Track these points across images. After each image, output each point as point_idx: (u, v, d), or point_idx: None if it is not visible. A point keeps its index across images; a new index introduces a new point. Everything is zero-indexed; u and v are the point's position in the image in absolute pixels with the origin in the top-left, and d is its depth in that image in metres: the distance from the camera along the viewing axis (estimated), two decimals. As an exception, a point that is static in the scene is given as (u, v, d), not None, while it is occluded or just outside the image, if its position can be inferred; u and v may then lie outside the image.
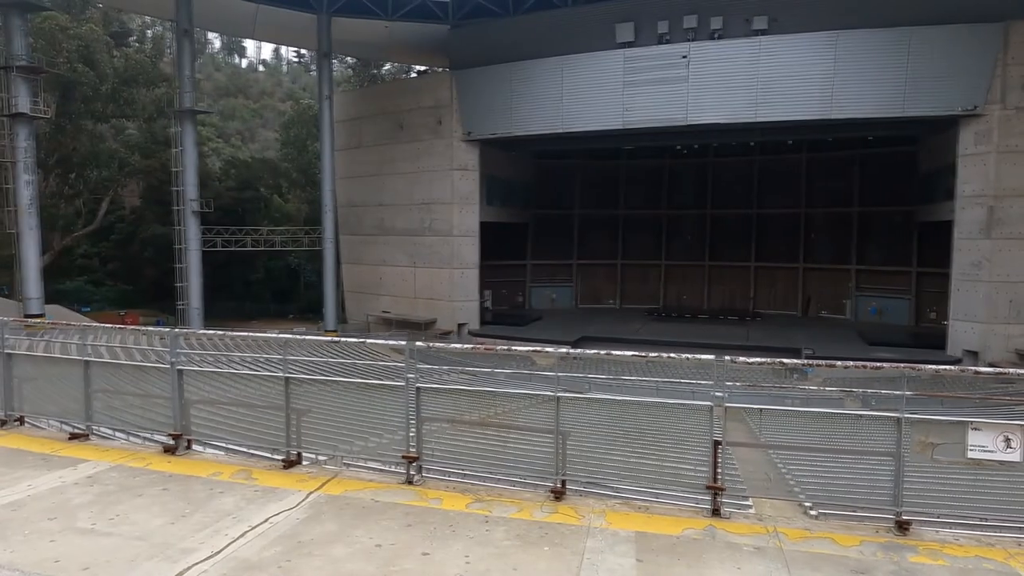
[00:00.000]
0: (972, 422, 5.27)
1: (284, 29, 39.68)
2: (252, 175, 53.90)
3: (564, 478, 6.16)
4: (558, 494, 6.05)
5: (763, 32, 29.18)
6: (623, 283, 44.51)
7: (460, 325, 35.07)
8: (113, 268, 50.45)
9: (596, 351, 7.67)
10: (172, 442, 7.22)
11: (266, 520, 5.39)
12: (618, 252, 44.23)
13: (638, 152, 40.34)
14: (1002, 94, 26.01)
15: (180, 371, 7.29)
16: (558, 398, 6.09)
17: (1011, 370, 5.59)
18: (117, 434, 8.92)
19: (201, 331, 10.25)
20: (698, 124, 30.07)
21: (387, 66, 64.72)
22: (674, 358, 6.42)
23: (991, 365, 25.27)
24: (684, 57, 29.65)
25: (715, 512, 5.75)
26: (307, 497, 5.93)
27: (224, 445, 8.07)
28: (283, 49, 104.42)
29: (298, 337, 9.52)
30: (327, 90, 36.24)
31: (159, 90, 46.50)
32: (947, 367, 5.88)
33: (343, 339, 16.06)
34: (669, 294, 43.88)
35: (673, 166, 42.76)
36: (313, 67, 69.68)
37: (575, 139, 34.39)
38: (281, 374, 6.97)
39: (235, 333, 15.24)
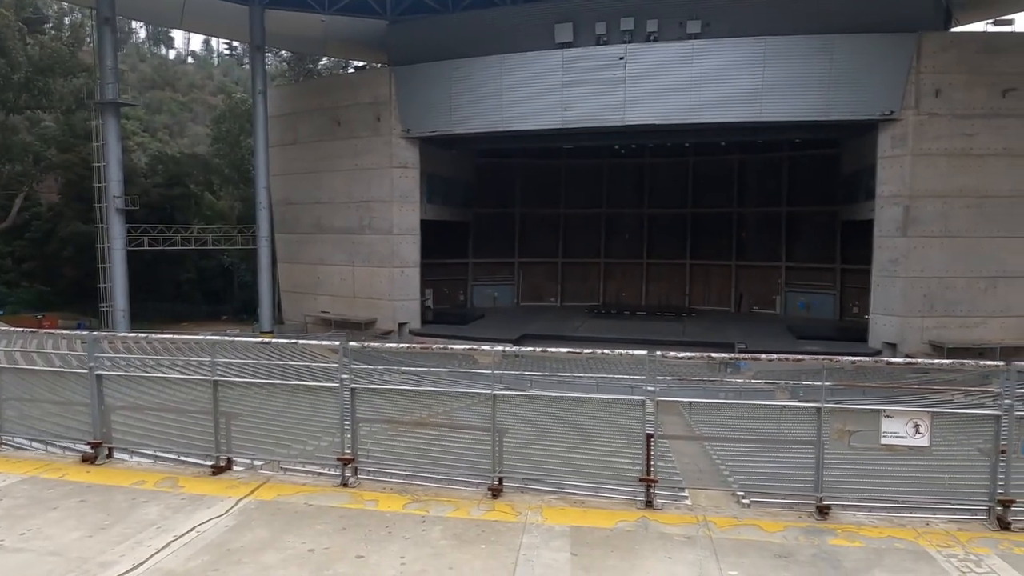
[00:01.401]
0: (885, 410, 5.57)
1: (214, 20, 38.27)
2: (181, 171, 51.74)
3: (502, 475, 6.18)
4: (495, 492, 6.07)
5: (696, 36, 30.00)
6: (564, 281, 45.00)
7: (401, 324, 34.71)
8: (29, 268, 47.52)
9: (534, 348, 7.74)
10: (91, 451, 6.87)
11: (193, 529, 5.20)
12: (559, 250, 44.69)
13: (578, 152, 40.85)
14: (916, 100, 27.56)
15: (99, 376, 6.95)
16: (494, 396, 6.10)
17: (920, 360, 5.94)
18: (34, 444, 8.41)
19: (125, 334, 9.84)
20: (635, 125, 30.68)
21: (324, 61, 63.33)
22: (608, 354, 6.55)
23: (908, 356, 26.81)
24: (621, 59, 30.18)
25: (648, 504, 5.88)
26: (237, 503, 5.75)
27: (151, 453, 7.74)
28: (214, 41, 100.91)
29: (227, 339, 9.22)
30: (261, 84, 35.17)
31: (78, 80, 44.05)
32: (863, 358, 6.19)
33: (274, 340, 15.64)
34: (609, 292, 44.62)
35: (612, 166, 43.50)
36: (246, 60, 67.48)
37: (515, 138, 34.52)
38: (209, 377, 6.73)
39: (162, 335, 14.64)
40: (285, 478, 6.62)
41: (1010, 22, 31.91)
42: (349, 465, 6.31)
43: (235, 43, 76.70)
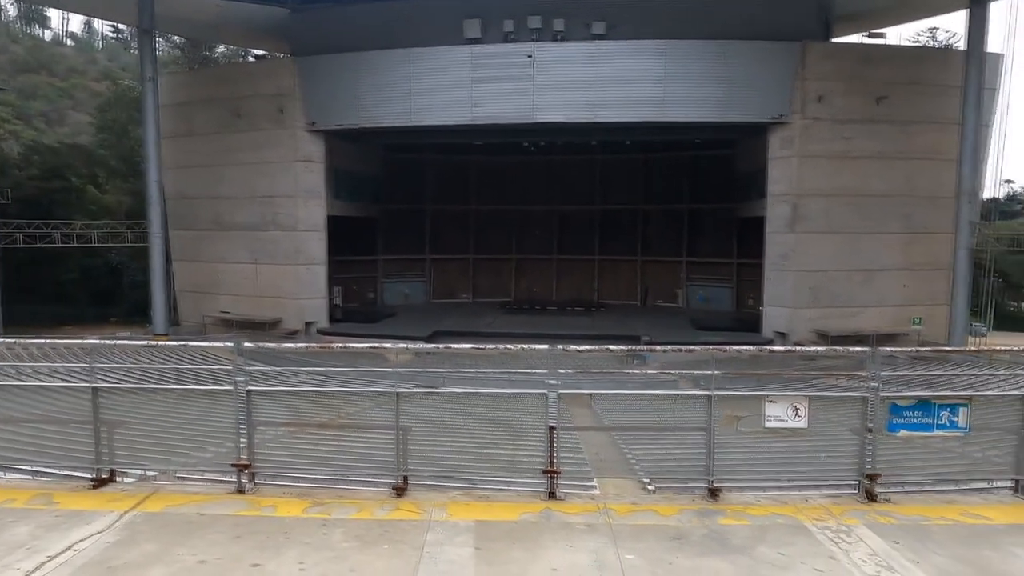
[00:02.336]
0: (768, 395, 5.95)
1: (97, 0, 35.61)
2: (61, 162, 47.69)
3: (406, 474, 6.13)
4: (400, 490, 6.01)
5: (601, 37, 30.74)
6: (476, 277, 45.05)
7: (308, 324, 33.64)
8: None
9: (436, 345, 7.72)
10: (-50, 469, 6.25)
11: (69, 548, 4.85)
12: (471, 247, 44.66)
13: (488, 148, 40.92)
14: (802, 105, 29.48)
15: (-41, 387, 6.33)
16: (397, 394, 6.04)
17: (798, 348, 6.36)
18: None
19: (-8, 340, 8.97)
20: (543, 122, 31.05)
21: (221, 48, 60.31)
22: (512, 349, 6.61)
23: (797, 344, 28.70)
24: (529, 56, 30.48)
25: (551, 495, 6.01)
26: (121, 517, 5.40)
27: (27, 468, 7.13)
28: (96, 22, 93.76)
29: (108, 342, 8.62)
30: (151, 71, 32.90)
31: (-63, 61, 39.86)
32: (748, 347, 6.58)
33: (163, 342, 14.77)
34: (520, 287, 45.07)
35: (522, 163, 43.86)
36: (134, 45, 63.18)
37: (425, 133, 34.14)
38: (88, 384, 6.27)
39: (37, 340, 13.43)
40: (176, 488, 6.29)
41: (882, 35, 34.68)
42: (246, 471, 6.07)
43: (121, 26, 71.59)
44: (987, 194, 39.59)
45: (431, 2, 32.92)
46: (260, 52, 44.32)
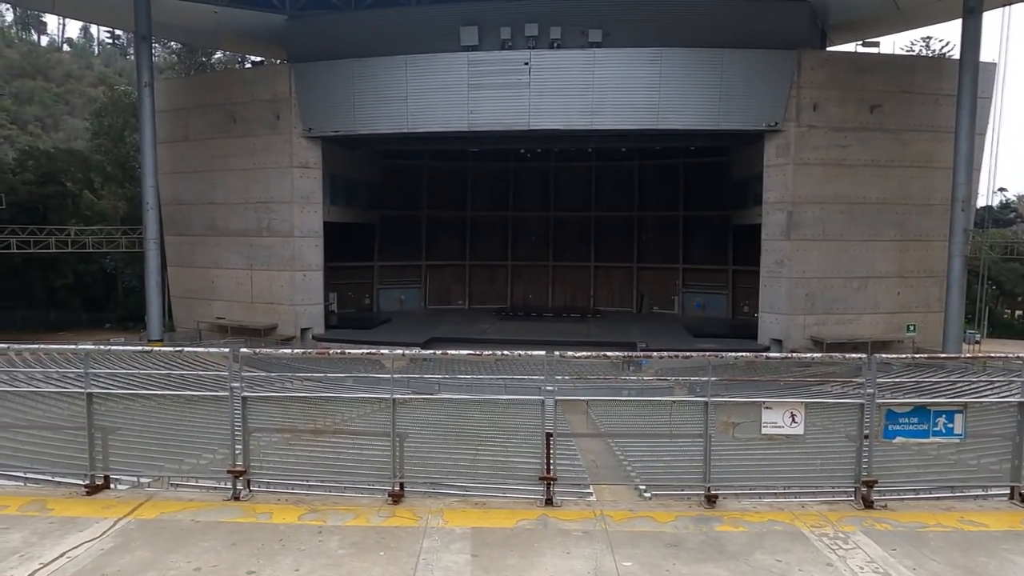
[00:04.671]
0: (765, 402, 5.95)
1: (93, 5, 35.58)
2: (56, 168, 47.57)
3: (403, 480, 6.11)
4: (396, 497, 5.98)
5: (597, 45, 30.87)
6: (472, 284, 45.04)
7: (304, 330, 33.54)
8: None
9: (435, 351, 7.70)
10: (-58, 476, 6.20)
11: (63, 555, 4.81)
12: (466, 253, 44.68)
13: (484, 155, 41.02)
14: (797, 113, 29.64)
15: (-48, 392, 6.28)
16: (393, 400, 6.02)
17: (795, 355, 6.37)
18: None
19: (-15, 345, 8.87)
20: (539, 129, 31.17)
21: (218, 55, 60.33)
22: (509, 355, 6.61)
23: (793, 351, 28.76)
24: (526, 64, 30.59)
25: (548, 502, 5.99)
26: (115, 524, 5.36)
27: (20, 475, 7.08)
28: (93, 28, 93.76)
29: (104, 348, 8.59)
30: (147, 77, 32.89)
31: (-68, 66, 39.74)
32: (745, 354, 6.58)
33: (158, 348, 14.73)
34: (516, 294, 45.08)
35: (518, 169, 43.99)
36: (131, 50, 63.15)
37: (421, 139, 34.18)
38: (82, 389, 6.24)
39: (31, 346, 13.38)
40: (171, 495, 6.25)
41: (876, 44, 34.93)
42: (241, 477, 6.03)
43: (118, 32, 71.60)
44: (981, 202, 39.80)
45: (428, 9, 33.05)
46: (257, 58, 44.33)
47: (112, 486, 6.31)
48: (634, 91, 29.91)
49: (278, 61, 39.33)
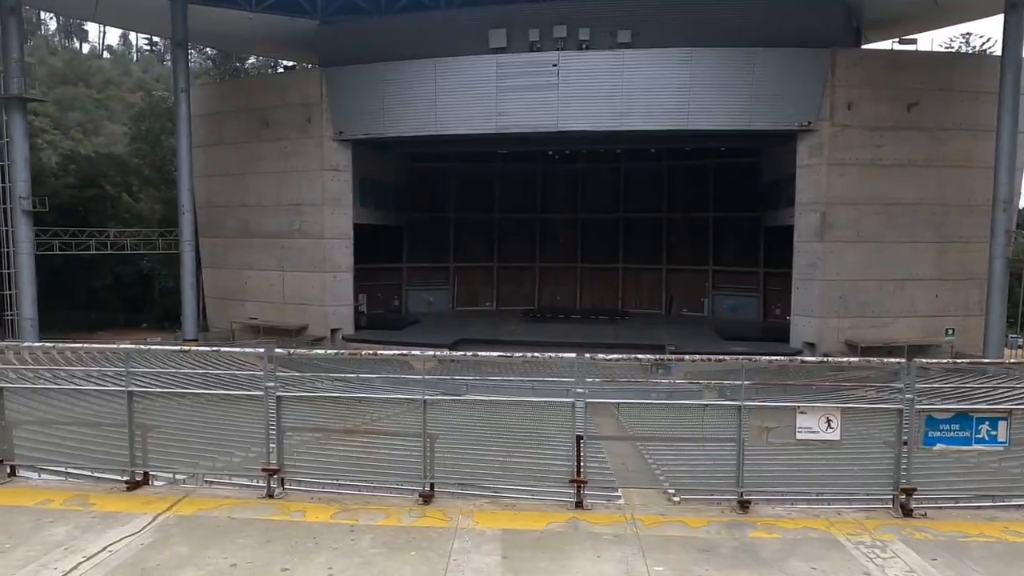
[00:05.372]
0: (799, 407, 5.85)
1: (132, 13, 36.53)
2: (96, 171, 48.92)
3: (433, 481, 6.14)
4: (427, 497, 6.02)
5: (627, 45, 30.72)
6: (499, 285, 45.12)
7: (334, 331, 33.96)
8: (-77, 275, 43.89)
9: (464, 353, 7.74)
10: (-9, 470, 6.41)
11: (104, 548, 4.93)
12: (494, 255, 44.79)
13: (512, 157, 41.09)
14: (831, 112, 29.11)
15: (1, 389, 6.50)
16: (424, 401, 6.06)
17: (831, 359, 6.27)
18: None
19: (30, 344, 9.21)
20: (567, 131, 31.12)
21: (251, 60, 61.50)
22: (538, 357, 6.60)
23: (825, 355, 28.21)
24: (554, 66, 30.59)
25: (579, 504, 5.97)
26: (154, 520, 5.49)
27: (61, 470, 7.30)
28: (132, 35, 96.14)
29: (143, 347, 8.81)
30: (184, 82, 33.74)
31: (-20, 74, 41.09)
32: (781, 358, 6.49)
33: (195, 348, 15.06)
34: (543, 295, 45.04)
35: (546, 171, 43.96)
36: (167, 56, 64.68)
37: (449, 142, 34.39)
38: (123, 388, 6.40)
39: (73, 345, 13.78)
40: (207, 491, 6.38)
41: (913, 41, 34.14)
42: (275, 476, 6.13)
43: (155, 38, 73.41)
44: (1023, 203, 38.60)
45: (457, 13, 33.27)
46: (289, 63, 45.08)
47: (150, 482, 6.46)
48: (664, 92, 29.70)
49: (310, 66, 39.91)
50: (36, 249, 31.66)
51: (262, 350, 6.37)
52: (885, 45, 36.27)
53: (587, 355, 6.09)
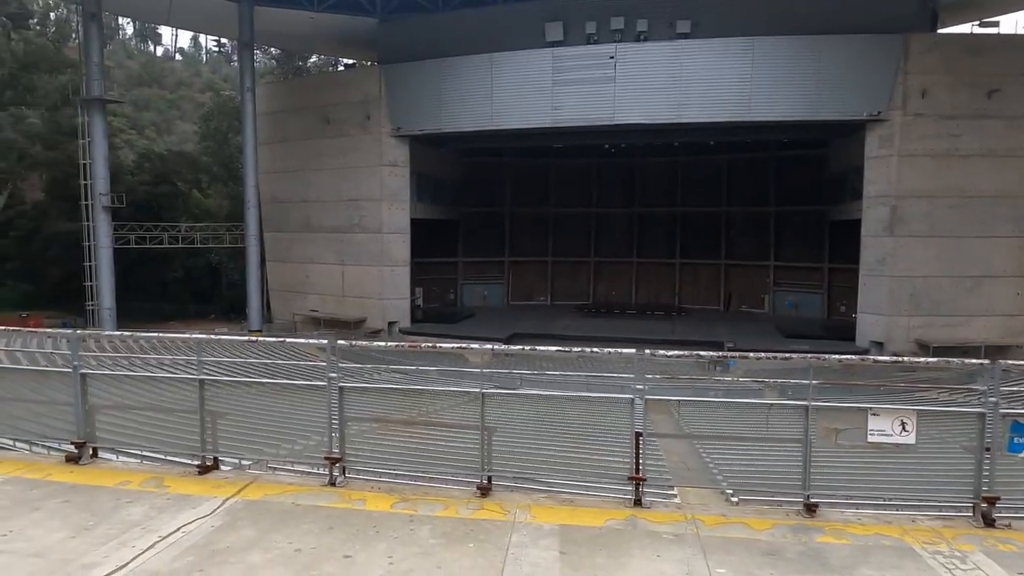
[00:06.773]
0: (871, 408, 5.60)
1: (202, 16, 37.98)
2: (168, 169, 51.29)
3: (490, 474, 6.16)
4: (484, 490, 6.04)
5: (686, 36, 30.07)
6: (554, 280, 45.02)
7: (391, 323, 34.61)
8: (12, 267, 46.92)
9: (523, 347, 7.75)
10: (76, 451, 6.78)
11: (178, 529, 5.15)
12: (549, 249, 44.70)
13: (567, 151, 40.85)
14: (903, 101, 27.78)
15: (83, 375, 6.86)
16: (483, 394, 6.08)
17: (906, 358, 5.97)
18: (17, 444, 8.31)
19: (109, 332, 9.75)
20: (624, 124, 30.71)
21: (313, 58, 63.05)
22: (597, 353, 6.53)
23: (894, 355, 27.02)
24: (611, 58, 30.21)
25: (637, 502, 5.88)
26: (223, 503, 5.70)
27: (137, 452, 7.67)
28: (202, 37, 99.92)
29: (214, 337, 9.16)
30: (249, 82, 34.93)
31: (64, 77, 43.58)
32: (850, 357, 6.22)
33: (262, 339, 15.58)
34: (599, 290, 44.69)
35: (601, 165, 43.55)
36: (234, 57, 67.00)
37: (505, 136, 34.48)
38: (195, 376, 6.66)
39: (148, 334, 14.51)
40: (272, 478, 6.57)
41: (995, 24, 32.22)
42: (337, 464, 6.27)
43: (223, 40, 76.14)
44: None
45: (514, 7, 33.24)
46: (349, 61, 46.03)
47: (219, 467, 6.71)
48: (723, 82, 28.96)
49: (369, 63, 40.64)
50: (114, 243, 33.37)
51: (324, 341, 6.52)
52: (964, 29, 34.39)
53: (647, 351, 5.98)
